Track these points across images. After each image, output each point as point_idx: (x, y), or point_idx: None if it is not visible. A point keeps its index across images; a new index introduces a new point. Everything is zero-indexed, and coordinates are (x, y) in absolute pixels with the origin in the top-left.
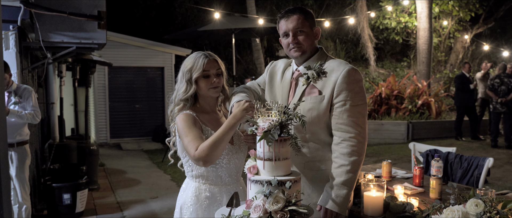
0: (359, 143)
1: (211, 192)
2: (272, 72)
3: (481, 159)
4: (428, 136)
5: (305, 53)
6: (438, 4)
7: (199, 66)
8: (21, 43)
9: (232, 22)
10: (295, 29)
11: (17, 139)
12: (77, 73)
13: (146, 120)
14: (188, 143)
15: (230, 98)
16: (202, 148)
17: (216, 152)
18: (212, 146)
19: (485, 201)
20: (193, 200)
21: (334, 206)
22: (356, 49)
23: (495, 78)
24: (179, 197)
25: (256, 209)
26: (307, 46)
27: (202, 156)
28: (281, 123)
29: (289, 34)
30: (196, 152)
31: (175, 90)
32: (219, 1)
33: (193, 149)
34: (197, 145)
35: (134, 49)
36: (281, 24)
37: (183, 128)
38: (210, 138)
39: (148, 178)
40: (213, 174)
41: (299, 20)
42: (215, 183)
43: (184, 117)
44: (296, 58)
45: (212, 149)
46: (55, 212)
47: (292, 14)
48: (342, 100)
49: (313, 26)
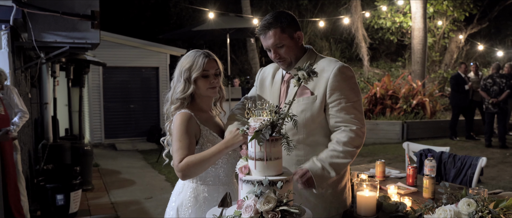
0: (357, 136)
1: (209, 193)
2: (262, 78)
3: (475, 159)
4: (422, 135)
5: (292, 62)
6: (432, 4)
7: (199, 66)
8: (13, 42)
9: (227, 22)
10: (274, 45)
11: None
12: (71, 73)
13: (140, 120)
14: (176, 150)
15: (227, 122)
16: (187, 163)
17: (199, 171)
18: (197, 164)
19: (477, 200)
20: (191, 201)
21: (313, 171)
22: (351, 49)
23: (488, 78)
24: (174, 198)
25: (247, 209)
26: (292, 56)
27: (183, 169)
28: (273, 122)
29: (270, 50)
30: (179, 164)
31: (171, 88)
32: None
33: (178, 159)
34: (183, 156)
35: (128, 49)
36: (261, 39)
37: (177, 131)
38: (198, 155)
39: (142, 178)
40: (211, 174)
41: (276, 35)
42: (213, 183)
43: (181, 117)
44: (285, 68)
45: (195, 167)
46: (48, 213)
47: (268, 30)
48: (337, 99)
49: (293, 33)
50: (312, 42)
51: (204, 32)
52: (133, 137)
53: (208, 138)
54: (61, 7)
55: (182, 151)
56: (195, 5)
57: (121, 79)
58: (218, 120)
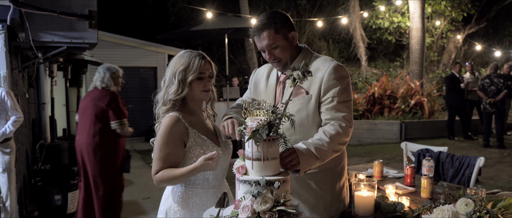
0: (344, 134)
1: (198, 196)
2: (255, 80)
3: (473, 159)
4: (421, 135)
5: (287, 63)
6: (430, 4)
7: (195, 68)
8: (11, 42)
9: (225, 22)
10: (268, 46)
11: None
12: (68, 73)
13: (139, 120)
14: (156, 159)
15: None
16: (161, 178)
17: (171, 184)
18: (169, 181)
19: (475, 200)
20: (180, 204)
21: (299, 151)
22: (349, 49)
23: (485, 78)
24: (163, 201)
25: (244, 209)
26: (287, 56)
27: (157, 181)
28: (270, 122)
29: (265, 51)
30: (155, 175)
31: (163, 88)
32: (212, 1)
33: (155, 170)
34: (160, 168)
35: (127, 49)
36: (255, 40)
37: (160, 139)
38: (171, 173)
39: (140, 178)
40: (201, 177)
41: (270, 36)
42: (202, 187)
43: (168, 123)
44: (280, 69)
45: (167, 182)
46: (46, 213)
47: (261, 31)
48: (330, 97)
49: (287, 33)
50: (310, 42)
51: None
52: (131, 137)
53: (196, 141)
54: (58, 7)
55: (159, 162)
56: (193, 5)
57: None
58: (209, 123)
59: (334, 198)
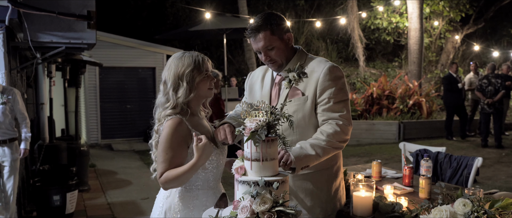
0: (342, 132)
1: (198, 197)
2: (251, 83)
3: (471, 159)
4: (419, 136)
5: (282, 64)
6: (429, 5)
7: (203, 68)
8: (9, 43)
9: (224, 22)
10: (264, 47)
11: (10, 135)
12: (67, 74)
13: (137, 120)
14: (161, 162)
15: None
16: (166, 179)
17: (177, 185)
18: (174, 180)
19: (473, 200)
20: (180, 205)
21: (293, 152)
22: (347, 49)
23: (483, 79)
24: (161, 201)
25: (243, 210)
26: (282, 57)
27: (163, 184)
28: (268, 123)
29: (260, 52)
30: (160, 178)
31: (167, 92)
32: (211, 1)
33: (160, 172)
34: (164, 171)
35: (125, 49)
36: (251, 42)
37: (166, 140)
38: (174, 171)
39: (139, 178)
40: (201, 178)
41: (266, 38)
42: (202, 188)
43: (172, 126)
44: (276, 70)
45: (173, 183)
46: (44, 213)
47: (257, 33)
48: (326, 98)
49: (283, 34)
50: (308, 42)
51: (201, 32)
52: (130, 138)
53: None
54: (57, 7)
55: (164, 165)
56: (192, 5)
57: (117, 79)
58: (205, 122)
59: (330, 198)
